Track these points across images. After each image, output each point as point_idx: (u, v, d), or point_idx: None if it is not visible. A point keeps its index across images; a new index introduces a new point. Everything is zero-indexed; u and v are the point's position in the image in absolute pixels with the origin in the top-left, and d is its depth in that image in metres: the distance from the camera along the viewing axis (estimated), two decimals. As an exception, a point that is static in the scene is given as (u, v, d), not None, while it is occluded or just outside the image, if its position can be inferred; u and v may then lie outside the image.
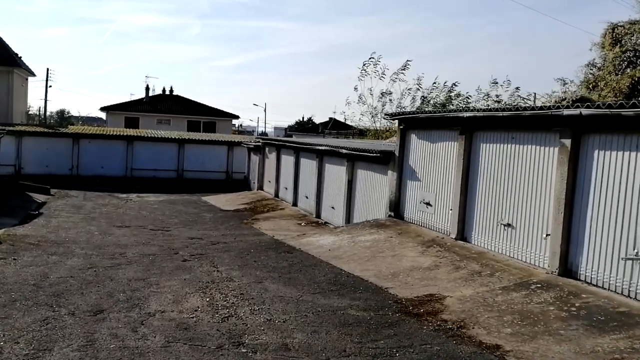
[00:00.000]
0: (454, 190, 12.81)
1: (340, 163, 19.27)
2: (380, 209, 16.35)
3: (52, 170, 33.80)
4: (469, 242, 12.19)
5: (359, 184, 17.84)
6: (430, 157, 14.05)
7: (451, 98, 30.53)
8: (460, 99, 30.62)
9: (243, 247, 13.67)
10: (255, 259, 12.19)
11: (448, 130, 13.17)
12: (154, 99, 55.56)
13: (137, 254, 12.45)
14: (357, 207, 17.86)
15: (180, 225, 18.81)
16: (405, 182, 15.17)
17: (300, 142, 24.97)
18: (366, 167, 17.36)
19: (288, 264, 11.63)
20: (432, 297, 9.04)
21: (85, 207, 22.90)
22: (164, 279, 10.04)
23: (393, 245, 12.62)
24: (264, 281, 10.08)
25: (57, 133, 35.40)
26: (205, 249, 13.48)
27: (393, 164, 15.54)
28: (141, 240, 14.70)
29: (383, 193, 16.22)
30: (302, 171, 23.80)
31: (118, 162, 35.62)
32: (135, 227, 17.79)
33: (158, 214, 22.03)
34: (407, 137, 15.15)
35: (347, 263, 11.56)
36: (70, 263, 11.00)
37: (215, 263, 11.62)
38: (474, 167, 12.29)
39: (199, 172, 36.91)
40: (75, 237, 14.59)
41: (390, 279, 10.21)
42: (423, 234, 13.34)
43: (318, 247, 13.30)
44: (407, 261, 11.31)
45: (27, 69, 45.57)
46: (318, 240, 14.22)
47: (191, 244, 14.26)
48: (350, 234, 14.33)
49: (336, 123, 70.30)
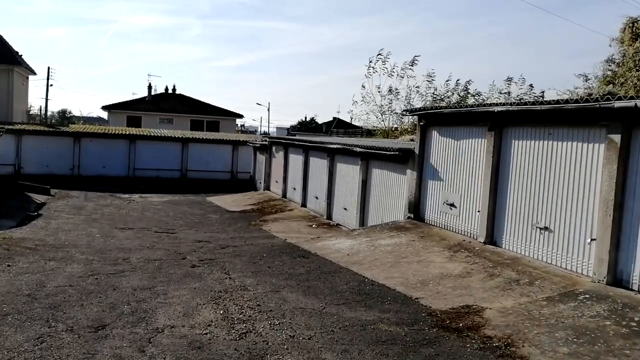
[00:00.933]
0: (482, 191, 11.92)
1: (354, 162, 18.38)
2: (398, 211, 15.46)
3: (53, 170, 32.99)
4: (500, 247, 11.30)
5: (374, 184, 16.96)
6: (454, 156, 13.16)
7: (467, 95, 29.48)
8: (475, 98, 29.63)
9: (255, 252, 12.80)
10: (269, 264, 11.31)
11: (475, 126, 12.28)
12: (156, 98, 54.71)
13: (141, 259, 11.59)
14: (372, 209, 16.98)
15: (186, 227, 17.95)
16: (425, 182, 14.29)
17: (310, 140, 24.09)
18: (382, 166, 16.48)
19: (305, 270, 10.76)
20: (470, 309, 8.15)
21: (86, 208, 22.06)
22: (172, 287, 9.17)
23: (417, 250, 11.73)
24: (282, 290, 9.20)
25: (58, 132, 34.55)
26: (215, 253, 12.61)
27: (412, 162, 14.66)
28: (145, 243, 13.83)
29: (401, 194, 15.33)
30: (312, 171, 22.92)
31: (120, 161, 34.78)
32: (139, 230, 16.93)
33: (162, 215, 21.19)
34: (428, 134, 14.26)
35: (369, 269, 10.68)
36: (70, 270, 10.13)
37: (226, 269, 10.75)
38: (504, 165, 11.39)
39: (203, 172, 36.06)
40: (75, 241, 13.74)
41: (420, 288, 9.33)
42: (448, 238, 12.45)
43: (335, 252, 12.42)
44: (435, 267, 10.42)
45: (28, 67, 44.73)
46: (334, 244, 13.34)
47: (199, 247, 13.39)
48: (368, 237, 13.45)
49: (340, 123, 69.46)
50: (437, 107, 13.34)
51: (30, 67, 45.64)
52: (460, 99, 28.88)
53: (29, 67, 44.93)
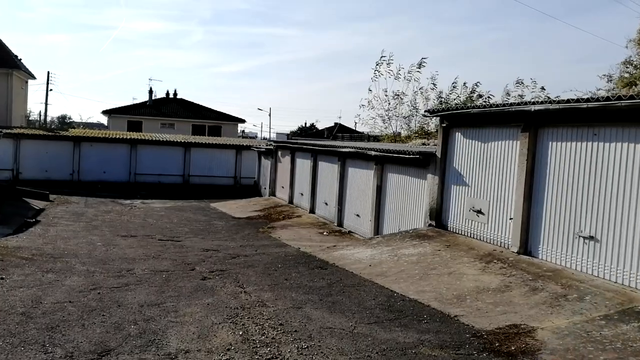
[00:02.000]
0: (514, 197, 11.05)
1: (367, 166, 17.52)
2: (417, 218, 14.58)
3: (52, 175, 32.14)
4: (536, 257, 10.41)
5: (390, 189, 16.08)
6: (481, 159, 12.30)
7: (477, 97, 28.61)
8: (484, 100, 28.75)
9: (268, 262, 11.90)
10: (286, 276, 10.41)
11: (506, 127, 11.43)
12: (157, 102, 53.89)
13: (147, 270, 10.69)
14: (388, 215, 16.09)
15: (191, 235, 17.05)
16: (448, 187, 13.42)
17: (319, 144, 23.24)
18: (399, 170, 15.61)
19: (326, 283, 9.86)
20: (519, 329, 7.26)
21: (86, 215, 21.17)
22: (183, 303, 8.27)
23: (445, 261, 10.84)
24: (304, 306, 8.30)
25: (57, 136, 33.67)
26: (225, 263, 11.71)
27: (434, 166, 13.79)
28: (150, 252, 12.94)
29: (421, 200, 14.45)
30: (321, 176, 22.05)
31: (121, 166, 33.91)
32: (142, 237, 16.03)
33: (165, 221, 20.30)
34: (451, 136, 13.40)
35: (396, 282, 9.78)
36: (69, 283, 9.22)
37: (240, 282, 9.85)
38: (540, 169, 10.53)
39: (206, 177, 35.21)
40: (75, 250, 12.84)
41: (457, 304, 8.43)
42: (476, 247, 11.57)
43: (355, 262, 11.53)
44: (469, 280, 9.53)
45: (27, 71, 43.91)
46: (353, 253, 12.44)
47: (207, 257, 12.49)
48: (389, 246, 12.56)
49: (341, 128, 68.70)
50: (463, 107, 12.49)
51: (30, 71, 44.82)
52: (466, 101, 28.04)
53: (28, 71, 44.12)
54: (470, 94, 29.21)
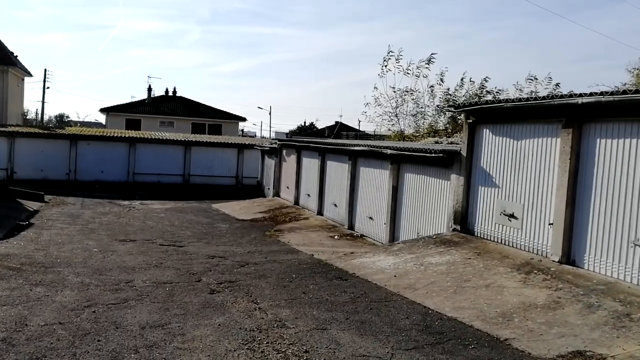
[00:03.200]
0: (554, 200, 9.99)
1: (382, 166, 16.45)
2: (438, 222, 13.52)
3: (48, 175, 31.06)
4: (581, 267, 9.36)
5: (408, 190, 15.01)
6: (513, 158, 11.24)
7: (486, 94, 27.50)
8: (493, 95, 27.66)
9: (281, 271, 10.84)
10: (303, 289, 9.35)
11: (544, 122, 10.37)
12: (156, 100, 52.74)
13: (148, 282, 9.61)
14: (405, 219, 15.03)
15: (195, 239, 15.98)
16: (475, 189, 12.36)
17: (327, 142, 22.17)
18: (418, 170, 14.55)
19: (349, 297, 8.79)
20: (585, 358, 6.21)
21: (82, 217, 20.07)
22: (191, 324, 7.20)
23: (478, 271, 9.78)
24: (329, 327, 7.24)
25: (53, 134, 32.51)
26: (234, 273, 10.64)
27: (458, 166, 12.73)
28: (151, 260, 11.86)
29: (443, 202, 13.39)
30: (329, 175, 20.98)
31: (119, 166, 32.81)
32: (142, 242, 14.95)
33: (166, 224, 19.22)
34: (478, 133, 12.35)
35: (428, 297, 8.73)
36: (61, 299, 8.14)
37: (253, 296, 8.78)
38: (585, 169, 9.47)
39: (207, 177, 34.12)
40: (69, 257, 11.75)
41: (504, 324, 7.38)
42: (510, 255, 10.51)
43: (378, 272, 10.46)
44: (511, 295, 8.47)
45: (23, 68, 42.73)
46: (374, 261, 11.37)
47: (214, 265, 11.42)
48: (412, 253, 11.50)
49: (342, 127, 67.67)
50: (494, 101, 11.41)
51: (26, 69, 43.62)
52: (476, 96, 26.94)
53: (24, 68, 42.93)
54: (479, 90, 28.12)
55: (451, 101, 27.63)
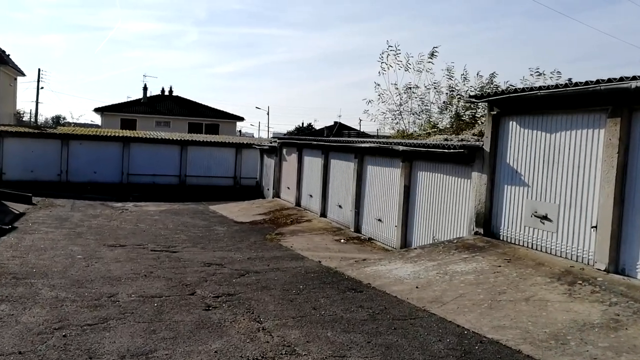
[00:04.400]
0: (598, 200, 8.77)
1: (392, 164, 15.22)
2: (458, 224, 12.29)
3: (38, 176, 29.77)
4: (633, 277, 8.12)
5: (422, 190, 13.78)
6: (545, 153, 10.02)
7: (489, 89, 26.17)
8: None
9: (286, 281, 9.58)
10: (313, 303, 8.10)
11: (584, 112, 9.15)
12: (152, 100, 51.48)
13: (134, 295, 8.35)
14: (419, 221, 13.80)
15: (190, 244, 14.72)
16: (500, 188, 11.14)
17: (331, 140, 20.93)
18: (433, 168, 13.32)
19: (368, 314, 7.55)
20: (672, 395, 4.98)
21: (71, 220, 18.80)
22: (181, 350, 5.94)
23: (512, 281, 8.55)
24: (348, 354, 5.99)
25: (44, 134, 31.20)
26: (233, 284, 9.38)
27: (480, 163, 11.51)
28: (140, 268, 10.59)
29: (463, 202, 12.17)
30: (334, 175, 19.74)
31: (113, 166, 31.51)
32: (132, 247, 13.70)
33: (160, 227, 17.95)
34: (503, 126, 11.13)
35: (459, 313, 7.49)
36: (27, 319, 6.85)
37: (255, 312, 7.53)
38: (636, 163, 8.25)
39: (204, 178, 32.83)
40: (48, 266, 10.48)
41: (558, 349, 6.13)
42: (545, 262, 9.28)
43: (396, 282, 9.22)
44: (557, 310, 7.24)
45: (16, 67, 41.43)
46: (390, 270, 10.12)
47: (210, 274, 10.16)
48: (433, 260, 10.25)
49: (341, 127, 66.52)
50: (524, 89, 10.19)
51: (19, 68, 42.31)
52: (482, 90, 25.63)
53: (16, 68, 41.62)
54: (486, 84, 26.76)
55: (456, 97, 26.40)
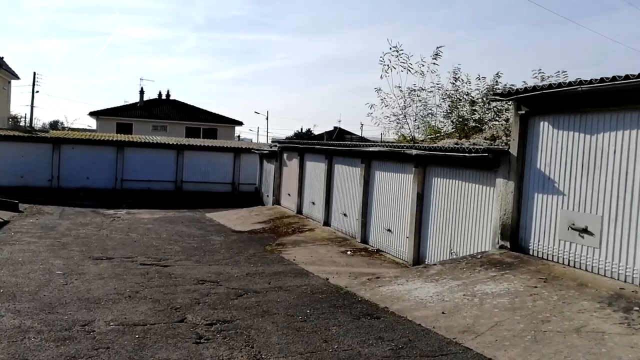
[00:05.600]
0: (653, 211, 7.58)
1: (403, 169, 14.03)
2: (480, 236, 11.08)
3: (28, 182, 28.56)
4: (699, 303, 6.93)
5: (437, 198, 12.59)
6: (585, 157, 8.83)
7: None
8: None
9: (290, 303, 8.36)
10: (324, 333, 6.87)
11: (635, 109, 7.97)
12: (149, 104, 50.29)
13: (113, 323, 7.12)
14: (434, 232, 12.59)
15: (183, 256, 13.50)
16: (529, 196, 9.94)
17: (335, 143, 19.74)
18: (450, 174, 12.13)
19: (389, 348, 6.32)
20: None
21: (58, 229, 17.57)
22: (162, 405, 4.71)
23: (554, 306, 7.33)
24: (373, 407, 4.77)
25: (35, 138, 30.01)
26: (229, 307, 8.15)
27: (506, 168, 10.32)
28: (125, 287, 9.37)
29: (485, 212, 10.96)
30: (338, 181, 18.55)
31: (106, 172, 30.30)
32: (120, 260, 12.48)
33: (152, 236, 16.73)
34: (533, 127, 9.94)
35: (500, 347, 6.26)
36: (-25, 359, 5.65)
37: (255, 347, 6.30)
38: (701, 170, 7.07)
39: (201, 184, 31.64)
40: (19, 284, 9.24)
41: (635, 401, 4.92)
42: (588, 283, 8.07)
43: (418, 306, 7.99)
44: (618, 346, 6.02)
45: (10, 70, 40.28)
46: (408, 290, 8.89)
47: (204, 295, 8.93)
48: (457, 279, 9.03)
49: (341, 132, 65.46)
50: (560, 84, 9.00)
51: (13, 71, 41.17)
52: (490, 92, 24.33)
53: (10, 71, 40.47)
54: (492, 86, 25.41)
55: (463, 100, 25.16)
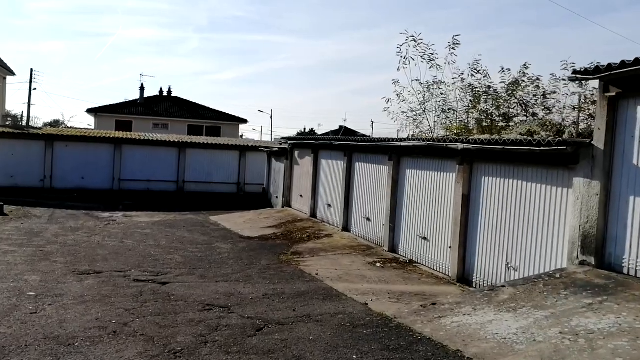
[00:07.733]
0: None
1: (443, 167, 11.97)
2: (550, 249, 8.98)
3: (19, 182, 26.56)
4: None
5: (488, 201, 10.50)
6: None
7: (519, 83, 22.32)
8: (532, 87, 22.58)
9: (328, 344, 6.27)
10: (385, 399, 4.80)
11: None
12: (149, 101, 48.25)
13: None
14: (485, 242, 10.51)
15: (185, 269, 11.45)
16: (621, 200, 7.85)
17: (357, 139, 17.67)
18: (507, 172, 10.05)
19: None
20: None
21: (44, 234, 15.54)
22: None
23: (703, 355, 5.25)
24: None
25: (26, 134, 27.93)
26: (247, 350, 6.07)
27: (589, 165, 8.23)
28: (110, 317, 7.30)
29: (558, 219, 8.86)
30: (359, 181, 16.47)
31: (103, 171, 28.23)
32: (110, 275, 10.44)
33: (150, 244, 14.67)
34: (625, 113, 7.86)
35: None
36: None
37: None
38: None
39: (204, 184, 29.58)
40: (-25, 313, 7.19)
41: None
42: None
43: (503, 350, 5.90)
44: None
45: (5, 66, 38.25)
46: (481, 324, 6.79)
47: (212, 329, 6.86)
48: (540, 307, 6.93)
49: (347, 131, 63.57)
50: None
51: (8, 67, 39.12)
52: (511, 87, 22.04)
53: (6, 67, 38.46)
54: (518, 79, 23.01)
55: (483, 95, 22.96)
